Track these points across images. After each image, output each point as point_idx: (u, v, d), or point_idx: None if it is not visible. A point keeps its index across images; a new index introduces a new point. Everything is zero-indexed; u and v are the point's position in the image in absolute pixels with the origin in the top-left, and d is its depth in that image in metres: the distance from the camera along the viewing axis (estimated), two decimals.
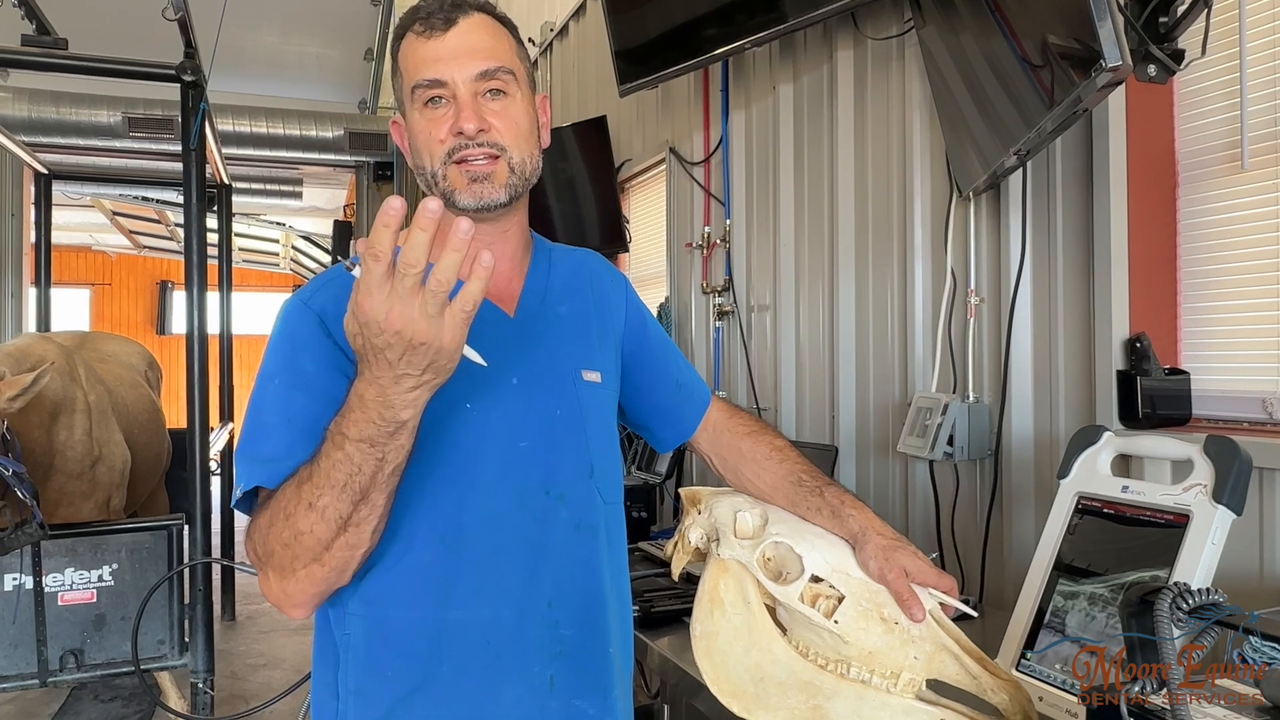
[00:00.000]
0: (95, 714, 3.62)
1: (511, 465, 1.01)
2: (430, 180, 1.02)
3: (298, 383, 0.95)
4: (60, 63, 2.71)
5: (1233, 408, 1.53)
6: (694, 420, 1.25)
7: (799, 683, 1.10)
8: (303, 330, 0.98)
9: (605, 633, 1.09)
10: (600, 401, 1.12)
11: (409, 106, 1.03)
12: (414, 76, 1.01)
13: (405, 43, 1.03)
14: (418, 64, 1.01)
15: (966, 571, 1.91)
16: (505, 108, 1.02)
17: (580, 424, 1.08)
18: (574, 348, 1.11)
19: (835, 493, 1.14)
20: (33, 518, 2.31)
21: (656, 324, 1.28)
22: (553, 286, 1.13)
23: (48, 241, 4.78)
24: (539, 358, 1.07)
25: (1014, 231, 1.80)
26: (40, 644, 2.49)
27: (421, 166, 1.03)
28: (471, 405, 1.00)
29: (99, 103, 5.43)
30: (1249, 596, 1.37)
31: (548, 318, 1.10)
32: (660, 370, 1.24)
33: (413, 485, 0.96)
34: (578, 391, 1.08)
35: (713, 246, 2.98)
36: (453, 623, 0.99)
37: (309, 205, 8.36)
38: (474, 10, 1.03)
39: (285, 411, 0.94)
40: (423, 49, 1.01)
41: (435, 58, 1.00)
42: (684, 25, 2.67)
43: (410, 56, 1.02)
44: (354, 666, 1.00)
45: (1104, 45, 1.15)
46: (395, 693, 0.99)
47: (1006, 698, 1.05)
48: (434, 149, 1.00)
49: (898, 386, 2.17)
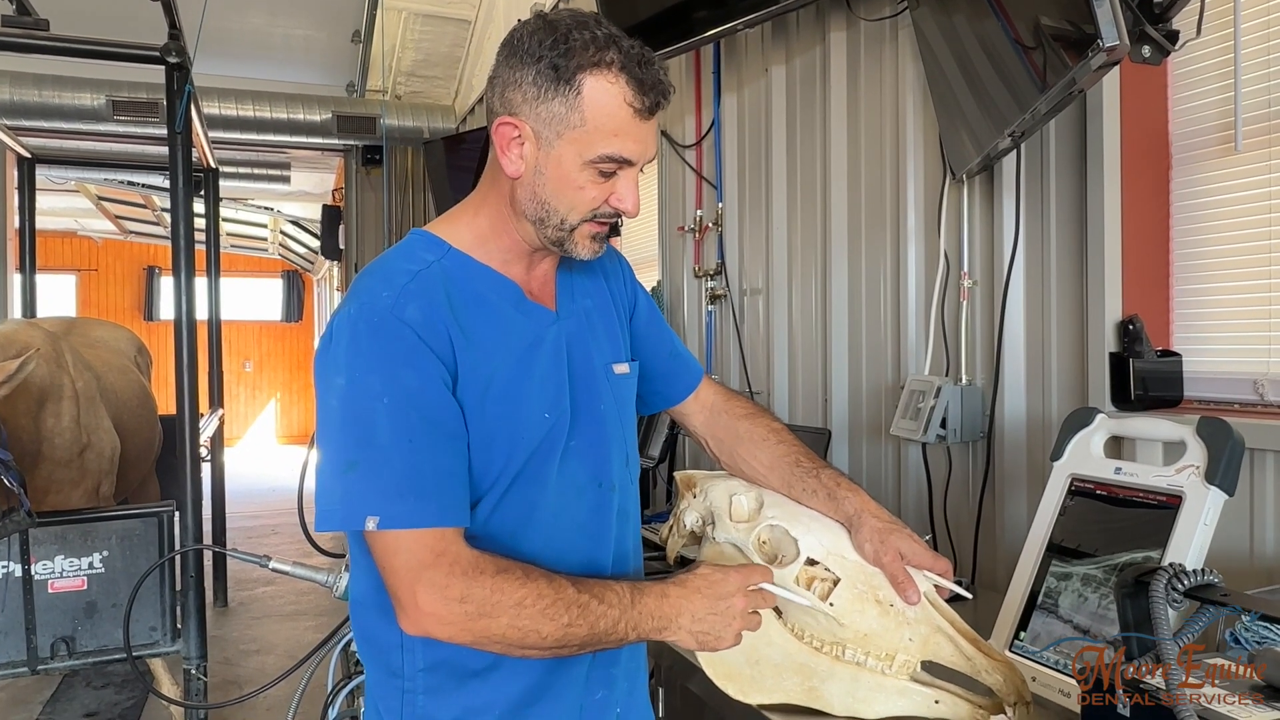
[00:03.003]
0: (88, 701, 3.61)
1: (569, 461, 1.05)
2: (556, 223, 1.01)
3: (406, 401, 0.93)
4: (42, 44, 2.67)
5: (1224, 389, 1.54)
6: (684, 389, 1.27)
7: (794, 665, 1.10)
8: (399, 345, 0.94)
9: None
10: (629, 391, 1.16)
11: (574, 151, 0.97)
12: (611, 146, 0.96)
13: (608, 92, 0.95)
14: (620, 134, 0.96)
15: (959, 553, 1.92)
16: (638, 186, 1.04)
17: (619, 416, 1.12)
18: (604, 342, 1.14)
19: (831, 475, 1.14)
20: (20, 505, 2.30)
21: (647, 294, 1.30)
22: (575, 281, 1.15)
23: (32, 227, 4.72)
24: (580, 355, 1.09)
25: (1007, 214, 1.80)
26: (29, 632, 2.48)
27: (554, 209, 1.00)
28: (549, 414, 1.03)
29: (82, 85, 5.35)
30: (1239, 576, 1.38)
31: (579, 314, 1.12)
32: (655, 341, 1.26)
33: (504, 492, 1.00)
34: (614, 384, 1.12)
35: (705, 230, 2.97)
36: None
37: (297, 189, 8.29)
38: None
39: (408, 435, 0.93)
40: (633, 125, 0.97)
41: (640, 139, 0.98)
42: (675, 6, 2.65)
43: (612, 118, 0.96)
44: (420, 645, 1.00)
45: (1101, 25, 1.14)
46: (470, 666, 1.01)
47: (1000, 678, 1.05)
48: (583, 208, 1.00)
49: (890, 369, 2.17)
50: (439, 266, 1.01)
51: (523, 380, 1.02)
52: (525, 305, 1.06)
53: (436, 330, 0.96)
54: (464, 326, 0.99)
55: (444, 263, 1.02)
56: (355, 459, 0.93)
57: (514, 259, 1.06)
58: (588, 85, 0.95)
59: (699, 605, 0.98)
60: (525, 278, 1.07)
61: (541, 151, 0.98)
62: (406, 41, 5.93)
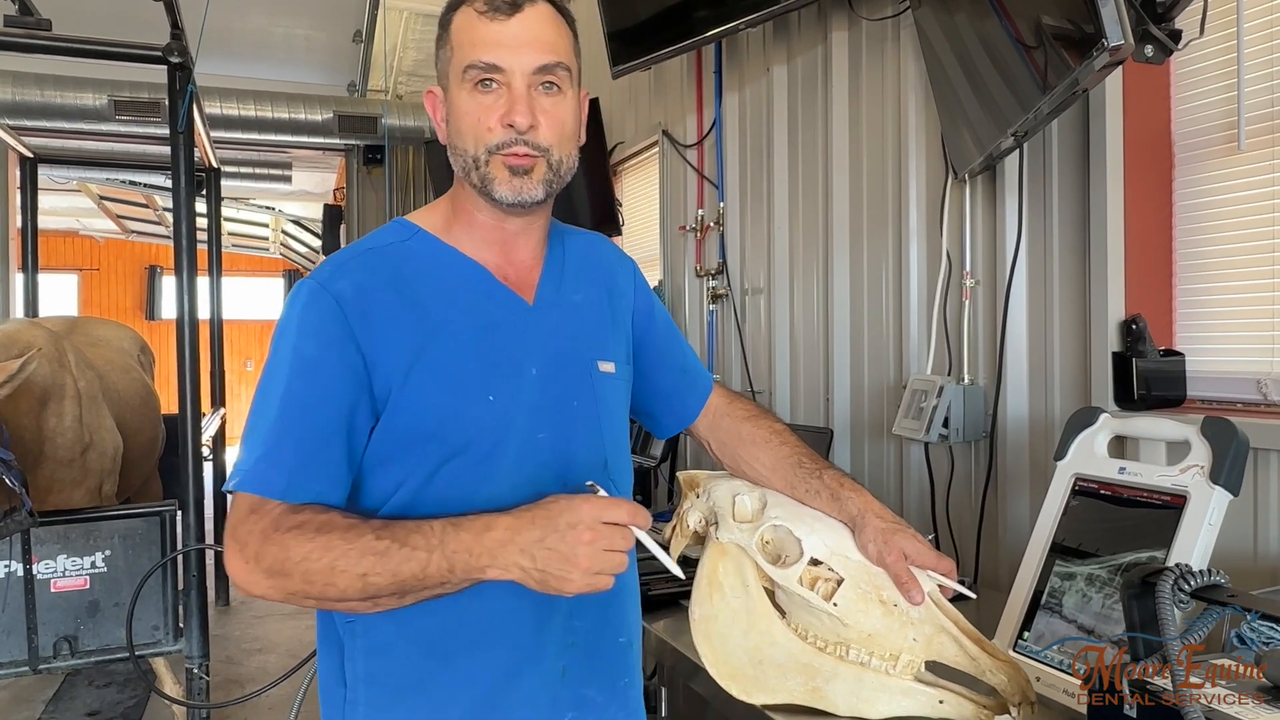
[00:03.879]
0: (90, 700, 3.62)
1: (528, 457, 1.00)
2: (469, 164, 0.99)
3: (301, 371, 0.94)
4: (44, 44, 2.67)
5: (1227, 389, 1.54)
6: (696, 406, 1.25)
7: (798, 665, 1.10)
8: (314, 315, 0.96)
9: (618, 623, 1.09)
10: (614, 392, 1.11)
11: (455, 83, 0.99)
12: (470, 56, 0.97)
13: (463, 15, 0.99)
14: (476, 43, 0.97)
15: (962, 553, 1.92)
16: (556, 105, 0.99)
17: (596, 416, 1.07)
18: (590, 337, 1.10)
19: (834, 476, 1.14)
20: (22, 505, 2.30)
21: (663, 308, 1.27)
22: (568, 274, 1.12)
23: (34, 226, 4.72)
24: (557, 348, 1.06)
25: (1010, 213, 1.80)
26: (31, 631, 2.48)
27: (462, 149, 1.00)
28: (494, 397, 0.99)
29: (84, 85, 5.34)
30: (1244, 576, 1.38)
31: (564, 306, 1.09)
32: (666, 355, 1.23)
33: (430, 474, 0.96)
34: (594, 382, 1.08)
35: (706, 229, 2.97)
36: (471, 612, 0.98)
37: (298, 189, 8.29)
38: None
39: (285, 403, 0.94)
40: (484, 29, 0.97)
41: (496, 41, 0.96)
42: (677, 6, 2.65)
43: (468, 32, 0.98)
44: (362, 653, 0.99)
45: (1106, 24, 1.14)
46: (409, 679, 0.98)
47: (1005, 678, 1.05)
48: (481, 136, 0.98)
49: (893, 369, 2.17)
50: (401, 247, 1.02)
51: (465, 360, 0.99)
52: (492, 289, 1.04)
53: (364, 303, 0.95)
54: (407, 300, 0.98)
55: (411, 243, 1.03)
56: (251, 423, 0.96)
57: (487, 244, 1.05)
58: (453, 21, 1.00)
59: (530, 536, 0.85)
60: (501, 263, 1.05)
61: (446, 105, 1.02)
62: (408, 41, 5.92)
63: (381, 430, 0.97)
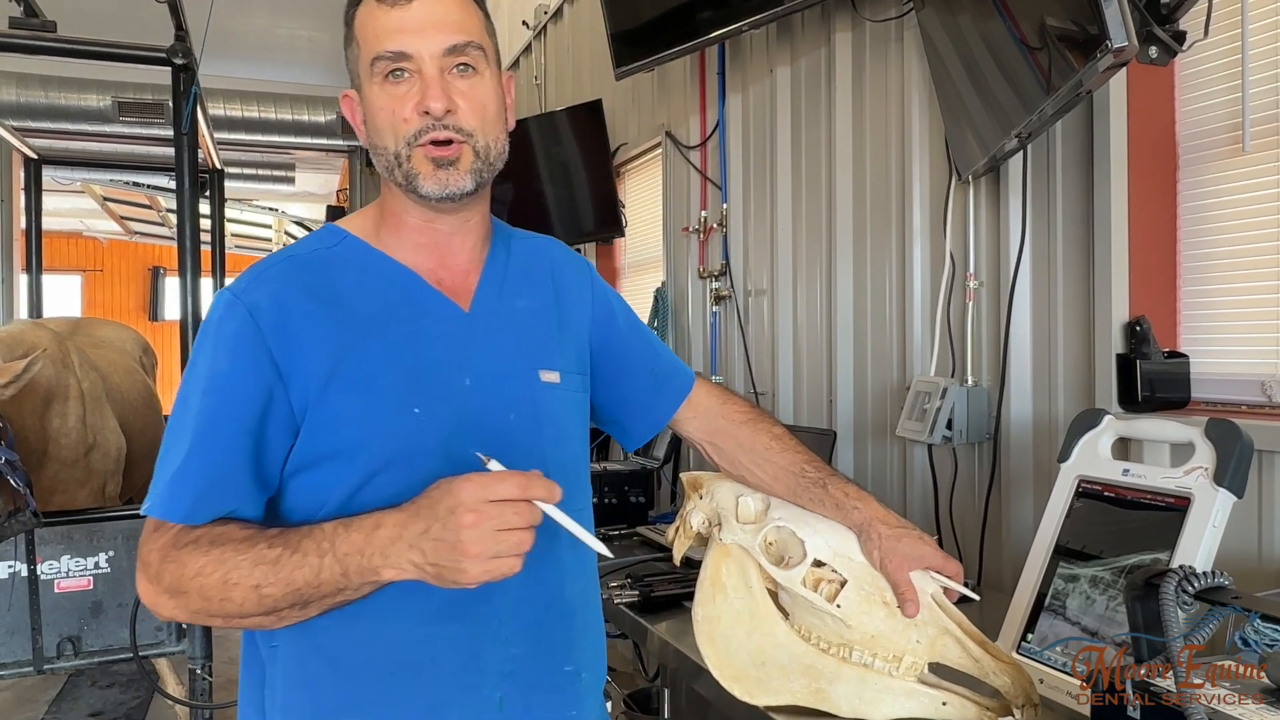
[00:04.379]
0: (93, 701, 3.62)
1: (458, 473, 0.93)
2: (391, 162, 0.94)
3: (212, 387, 0.90)
4: (49, 45, 2.68)
5: (1232, 390, 1.53)
6: (669, 409, 1.18)
7: (801, 666, 1.10)
8: (228, 328, 0.91)
9: (564, 650, 1.01)
10: (559, 403, 1.04)
11: (365, 80, 0.95)
12: (374, 47, 0.93)
13: (364, 9, 0.95)
14: (379, 33, 0.93)
15: (965, 555, 1.91)
16: (473, 87, 0.95)
17: (536, 428, 1.01)
18: (531, 346, 1.04)
19: (839, 485, 1.11)
20: (26, 505, 2.30)
21: (625, 309, 1.21)
22: (511, 278, 1.06)
23: (38, 227, 4.73)
24: (494, 357, 1.00)
25: (1014, 215, 1.80)
26: (35, 631, 2.48)
27: (381, 147, 0.95)
28: (420, 410, 0.93)
29: (88, 87, 5.37)
30: (1248, 578, 1.37)
31: (504, 313, 1.03)
32: (631, 359, 1.17)
33: (349, 491, 0.91)
34: (534, 393, 1.01)
35: (709, 231, 2.97)
36: (390, 637, 0.92)
37: (301, 190, 8.32)
38: None
39: (196, 421, 0.90)
40: (385, 18, 0.93)
41: (399, 28, 0.92)
42: (680, 7, 2.65)
43: (370, 24, 0.94)
44: (281, 681, 0.94)
45: (1110, 25, 1.14)
46: (326, 710, 0.93)
47: (1008, 680, 1.05)
48: (397, 129, 0.93)
49: (896, 370, 2.17)
50: (326, 253, 0.98)
51: (388, 371, 0.93)
52: (423, 295, 0.98)
53: (279, 314, 0.91)
54: (328, 309, 0.93)
55: (337, 249, 0.99)
56: (166, 441, 0.92)
57: (418, 248, 1.00)
58: (356, 16, 0.97)
59: (416, 530, 0.79)
60: (434, 268, 1.00)
61: (361, 105, 0.98)
62: None
63: (301, 445, 0.92)
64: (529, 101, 4.54)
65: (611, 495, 2.49)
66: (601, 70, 3.28)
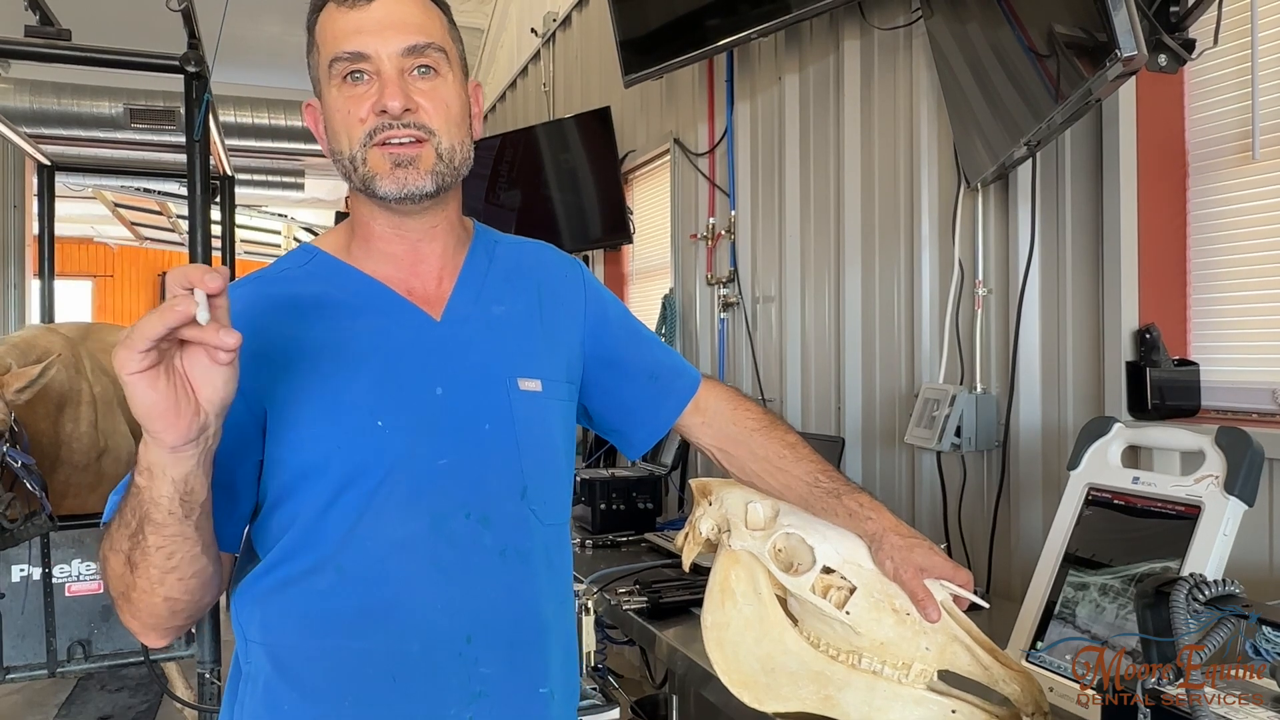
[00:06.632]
0: (102, 704, 3.64)
1: (427, 486, 0.92)
2: (349, 166, 0.92)
3: None
4: (63, 54, 2.70)
5: (1242, 398, 1.53)
6: (670, 416, 1.15)
7: (810, 673, 1.10)
8: None
9: (538, 671, 0.98)
10: (540, 412, 1.00)
11: (325, 83, 0.94)
12: (333, 49, 0.91)
13: (324, 13, 0.94)
14: (338, 35, 0.91)
15: (974, 562, 1.91)
16: (435, 88, 0.93)
17: (513, 439, 0.97)
18: (511, 353, 1.00)
19: (852, 496, 1.09)
20: (41, 509, 2.32)
21: (622, 311, 1.17)
22: (490, 285, 1.03)
23: (51, 233, 4.76)
24: (468, 365, 0.97)
25: (1023, 222, 1.80)
26: (49, 635, 2.50)
27: (338, 151, 0.93)
28: (384, 423, 0.91)
29: (100, 94, 5.41)
30: (1259, 587, 1.37)
31: (480, 320, 1.00)
32: (628, 364, 1.13)
33: (324, 509, 0.90)
34: (511, 402, 0.98)
35: (717, 238, 2.97)
36: (354, 654, 0.90)
37: (311, 196, 8.35)
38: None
39: None
40: (343, 20, 0.91)
41: (357, 29, 0.91)
42: (689, 15, 2.66)
43: (329, 28, 0.93)
44: (251, 700, 0.92)
45: (1119, 35, 1.14)
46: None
47: (1018, 688, 1.05)
48: (353, 129, 0.91)
49: (904, 377, 2.17)
50: (295, 271, 0.98)
51: (351, 385, 0.91)
52: (390, 305, 0.97)
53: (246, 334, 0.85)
54: (295, 326, 0.92)
55: (309, 266, 0.99)
56: None
57: (387, 258, 0.98)
58: (317, 22, 0.95)
59: None
60: (405, 277, 0.99)
61: (323, 111, 0.96)
62: None
63: (269, 464, 0.91)
64: (538, 108, 4.56)
65: (619, 501, 2.49)
66: (610, 78, 3.29)
